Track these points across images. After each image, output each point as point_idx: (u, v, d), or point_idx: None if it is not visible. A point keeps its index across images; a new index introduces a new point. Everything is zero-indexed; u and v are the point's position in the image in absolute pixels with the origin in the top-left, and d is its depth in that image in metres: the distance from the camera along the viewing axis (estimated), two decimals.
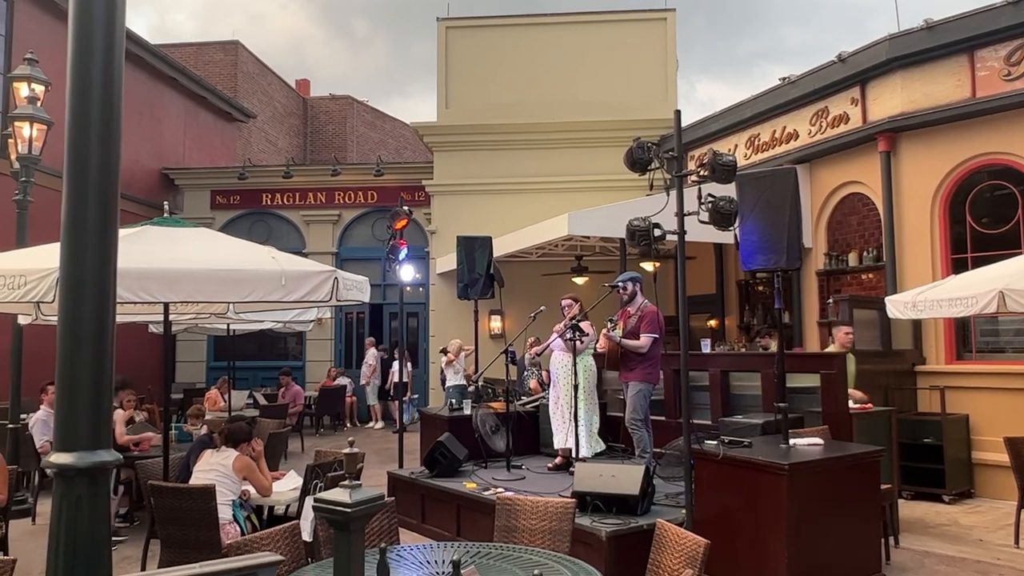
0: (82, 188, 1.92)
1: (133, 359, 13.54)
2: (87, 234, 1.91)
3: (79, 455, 1.84)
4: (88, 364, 1.88)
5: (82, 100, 1.93)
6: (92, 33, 1.93)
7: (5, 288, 4.84)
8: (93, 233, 1.91)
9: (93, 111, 1.93)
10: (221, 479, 5.37)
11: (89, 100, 1.93)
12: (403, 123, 29.25)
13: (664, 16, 15.58)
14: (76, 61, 1.94)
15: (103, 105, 1.94)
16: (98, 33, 1.94)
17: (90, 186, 1.92)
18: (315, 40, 68.02)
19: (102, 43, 1.94)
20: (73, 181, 1.92)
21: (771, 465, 5.06)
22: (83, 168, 1.92)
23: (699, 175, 5.50)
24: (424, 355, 16.62)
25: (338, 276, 5.65)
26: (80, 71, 1.94)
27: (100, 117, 1.93)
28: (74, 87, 1.94)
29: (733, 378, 7.85)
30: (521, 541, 4.20)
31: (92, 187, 1.92)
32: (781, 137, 11.71)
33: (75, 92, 1.94)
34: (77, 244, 1.90)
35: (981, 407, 8.68)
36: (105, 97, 1.95)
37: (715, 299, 14.02)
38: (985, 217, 9.16)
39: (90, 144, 1.93)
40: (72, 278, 1.90)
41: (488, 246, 8.94)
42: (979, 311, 6.17)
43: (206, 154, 19.84)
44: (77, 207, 1.91)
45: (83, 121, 1.93)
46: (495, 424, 8.02)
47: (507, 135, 15.22)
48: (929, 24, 9.19)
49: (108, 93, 1.95)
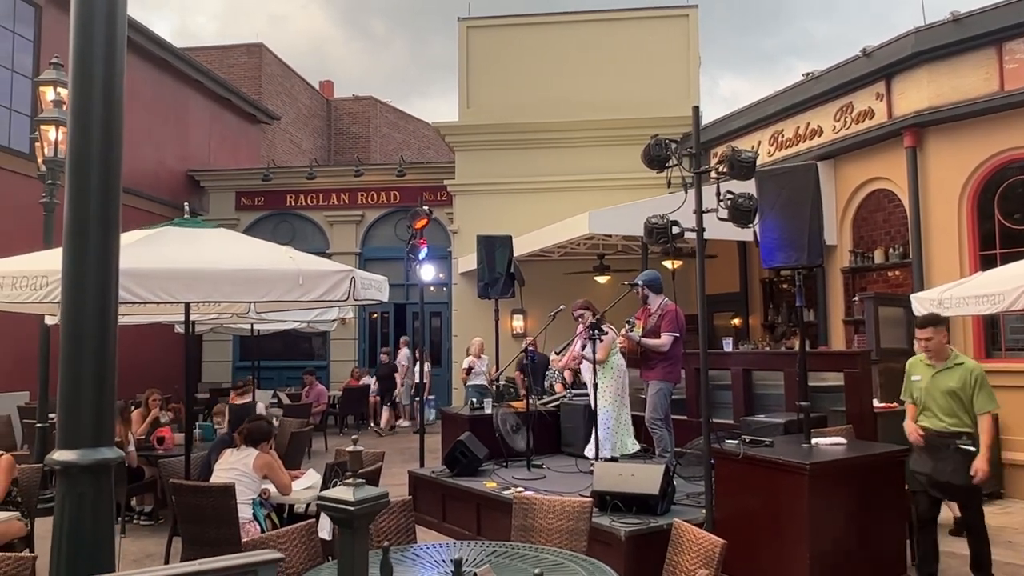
0: (83, 188, 1.93)
1: (161, 359, 13.74)
2: (88, 233, 1.92)
3: (82, 452, 1.86)
4: (90, 362, 1.89)
5: (83, 100, 1.94)
6: (93, 34, 1.94)
7: (29, 289, 4.92)
8: (94, 232, 1.92)
9: (95, 111, 1.94)
10: (241, 478, 5.40)
11: (91, 100, 1.94)
12: (426, 123, 29.32)
13: (686, 13, 15.47)
14: (77, 62, 1.95)
15: (105, 105, 1.95)
16: (99, 35, 1.94)
17: (91, 186, 1.93)
18: (335, 41, 68.48)
19: (103, 44, 1.94)
20: (75, 180, 1.93)
21: (792, 465, 5.00)
22: (84, 168, 1.93)
23: (718, 171, 5.45)
24: (447, 354, 16.65)
25: (355, 275, 5.66)
26: (81, 72, 1.95)
27: (102, 117, 1.94)
28: (76, 87, 1.96)
29: (756, 377, 7.77)
30: (538, 540, 4.18)
31: (93, 187, 1.93)
32: (805, 133, 11.57)
33: (76, 92, 1.95)
34: (78, 243, 1.91)
35: (1011, 406, 8.48)
36: (107, 97, 1.96)
37: (739, 297, 13.89)
38: (1015, 213, 8.98)
39: (91, 144, 1.94)
40: (73, 277, 1.91)
41: (508, 245, 8.91)
42: (1006, 308, 6.05)
43: (231, 156, 20.04)
44: (78, 207, 1.93)
45: (84, 121, 1.95)
46: (516, 423, 8.01)
47: (529, 134, 15.19)
48: (956, 17, 9.03)
49: (110, 93, 1.96)
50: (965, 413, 5.27)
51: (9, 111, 12.72)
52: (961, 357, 5.45)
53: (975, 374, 5.28)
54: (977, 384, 5.25)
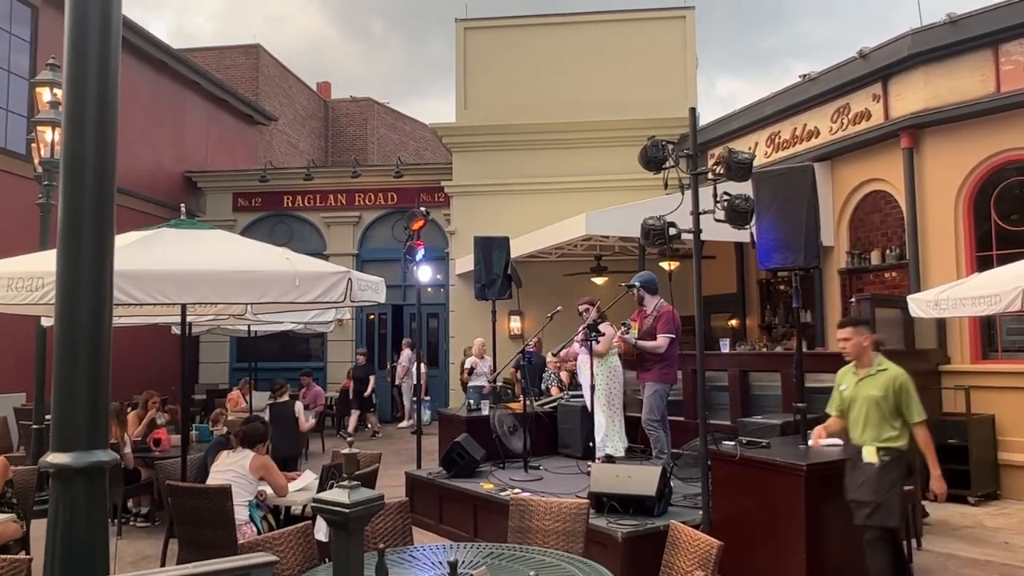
0: (77, 188, 1.92)
1: (157, 361, 13.70)
2: (83, 235, 1.91)
3: (76, 455, 1.85)
4: (85, 365, 1.88)
5: (78, 101, 1.94)
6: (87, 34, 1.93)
7: (24, 290, 4.90)
8: (89, 233, 1.92)
9: (89, 112, 1.94)
10: (237, 479, 5.40)
11: (84, 101, 1.94)
12: (423, 124, 29.27)
13: (683, 14, 15.49)
14: (72, 62, 1.95)
15: (99, 105, 1.94)
16: (93, 34, 1.94)
17: (86, 186, 1.92)
18: (332, 42, 68.43)
19: (97, 44, 1.94)
20: (69, 181, 1.93)
21: (789, 466, 5.00)
22: (79, 168, 1.92)
23: (714, 173, 5.46)
24: (444, 356, 16.64)
25: (352, 277, 5.65)
26: (76, 72, 1.95)
27: (96, 117, 1.93)
28: (70, 88, 1.95)
29: (753, 378, 7.77)
30: (535, 542, 4.18)
31: (88, 187, 1.92)
32: (802, 135, 11.59)
33: (71, 93, 1.95)
34: (72, 245, 1.91)
35: (1007, 407, 8.52)
36: (101, 98, 1.95)
37: (736, 298, 13.90)
38: (1012, 214, 9.00)
39: (86, 145, 1.93)
40: (68, 279, 1.91)
41: (505, 246, 8.92)
42: (1003, 309, 6.05)
43: (228, 157, 20.01)
44: (73, 207, 1.92)
45: (79, 122, 1.94)
46: (513, 425, 8.01)
47: (526, 135, 15.20)
48: (952, 18, 9.05)
49: (104, 93, 1.96)
50: (887, 424, 4.81)
51: (6, 112, 12.70)
52: (886, 363, 4.98)
53: (898, 381, 4.84)
54: (903, 392, 4.82)
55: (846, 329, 5.04)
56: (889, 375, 4.88)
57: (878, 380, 4.89)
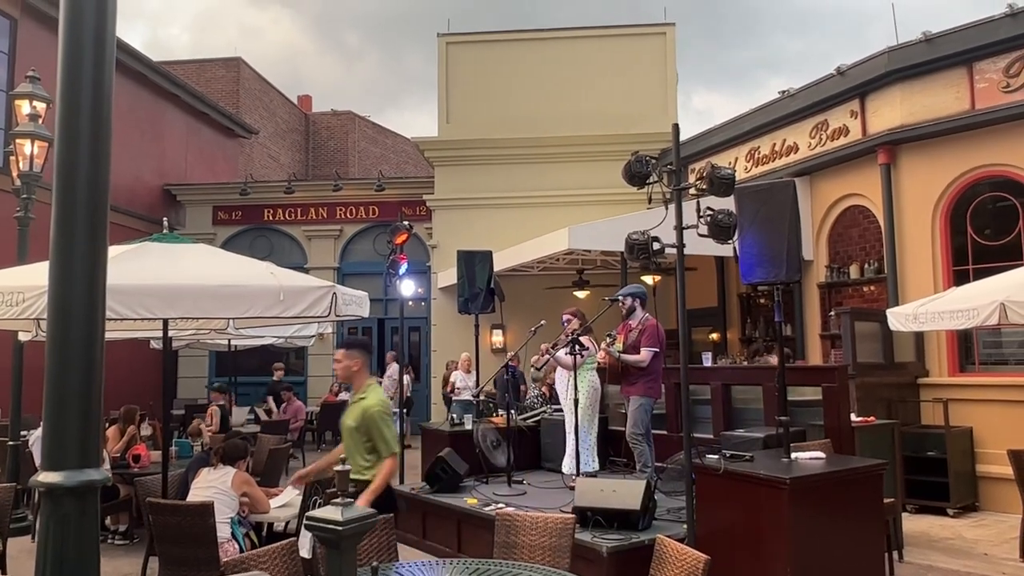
0: (71, 204, 1.91)
1: (135, 375, 13.54)
2: (76, 250, 1.90)
3: (67, 474, 1.83)
4: (77, 383, 1.87)
5: (72, 115, 1.93)
6: (82, 49, 1.93)
7: (4, 305, 4.84)
8: (82, 249, 1.90)
9: (83, 126, 1.93)
10: (219, 496, 5.35)
11: (79, 115, 1.93)
12: (405, 138, 29.33)
13: (663, 31, 15.65)
14: (66, 76, 1.94)
15: (93, 120, 1.94)
16: (88, 49, 1.94)
17: (79, 202, 1.91)
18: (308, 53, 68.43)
19: (91, 58, 1.94)
20: (62, 196, 1.91)
21: (772, 479, 5.02)
22: (72, 184, 1.91)
23: (697, 188, 5.50)
24: (426, 370, 16.59)
25: (336, 291, 5.64)
26: (70, 87, 1.94)
27: (90, 132, 1.92)
28: (64, 102, 1.94)
29: (735, 392, 7.80)
30: (521, 557, 4.17)
31: (81, 203, 1.91)
32: (781, 150, 11.72)
33: (65, 107, 1.94)
34: (65, 261, 1.89)
35: (985, 420, 8.63)
36: (95, 112, 1.95)
37: (717, 312, 13.99)
38: (986, 229, 9.14)
39: (79, 160, 1.92)
40: (60, 296, 1.89)
41: (488, 260, 8.92)
42: (980, 323, 6.14)
43: (208, 170, 19.91)
44: (66, 223, 1.91)
45: (73, 137, 1.93)
46: (496, 439, 7.99)
47: (508, 150, 15.25)
48: (928, 36, 9.21)
49: (98, 108, 1.95)
50: (361, 456, 4.54)
51: None
52: (370, 392, 4.64)
53: (369, 412, 4.50)
54: (373, 424, 4.49)
55: (338, 351, 4.82)
56: (363, 405, 4.58)
57: (356, 409, 4.63)
